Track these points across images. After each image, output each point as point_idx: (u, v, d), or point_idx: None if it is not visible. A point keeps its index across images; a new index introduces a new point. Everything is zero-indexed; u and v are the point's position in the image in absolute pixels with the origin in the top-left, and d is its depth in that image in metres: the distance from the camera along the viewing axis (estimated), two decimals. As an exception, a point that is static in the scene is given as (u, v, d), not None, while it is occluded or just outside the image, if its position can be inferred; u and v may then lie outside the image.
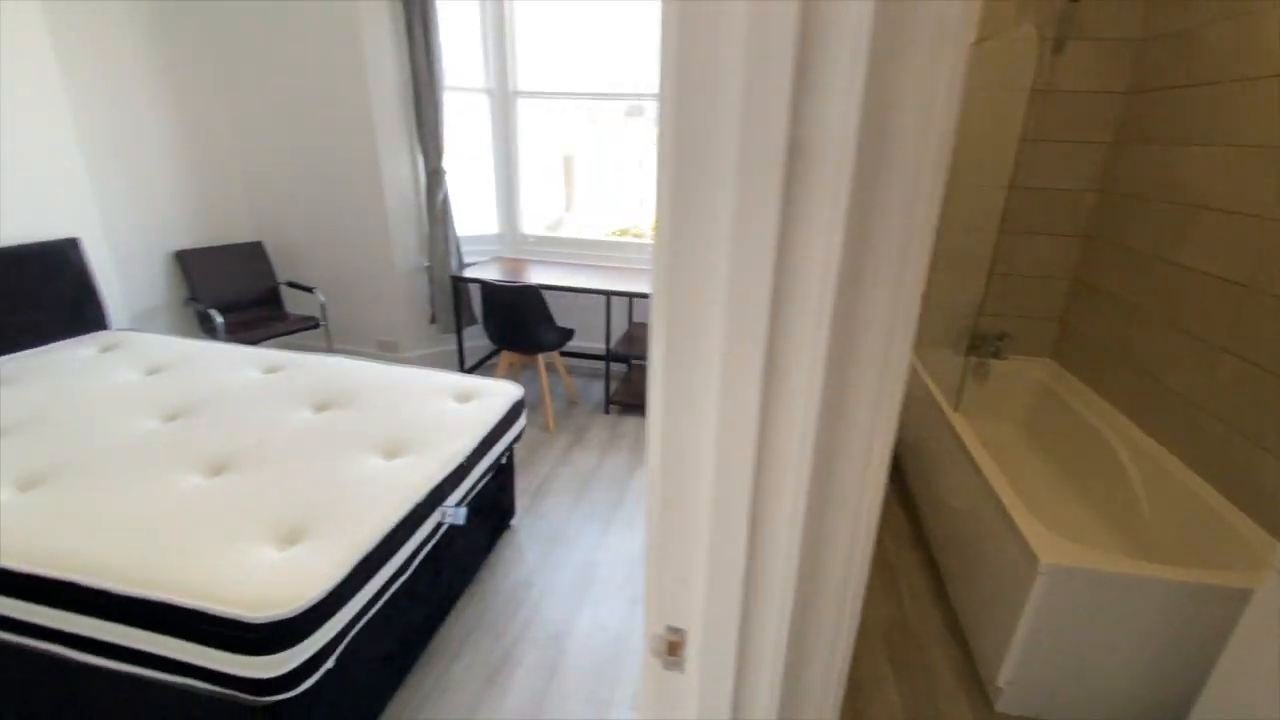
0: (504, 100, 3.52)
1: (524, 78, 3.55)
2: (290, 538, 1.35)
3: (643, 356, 3.35)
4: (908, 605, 2.00)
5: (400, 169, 3.44)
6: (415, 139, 3.39)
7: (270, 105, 3.37)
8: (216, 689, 1.20)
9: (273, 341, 3.16)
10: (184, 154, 3.24)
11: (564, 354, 3.87)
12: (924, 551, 2.27)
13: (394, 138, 3.36)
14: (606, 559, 2.19)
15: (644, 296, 3.16)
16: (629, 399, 3.45)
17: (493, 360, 3.98)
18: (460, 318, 3.53)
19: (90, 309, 2.51)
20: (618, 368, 3.89)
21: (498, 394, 2.13)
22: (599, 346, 3.94)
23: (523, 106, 3.60)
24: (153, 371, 2.15)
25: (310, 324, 3.36)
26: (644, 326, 3.74)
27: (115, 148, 2.91)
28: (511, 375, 3.32)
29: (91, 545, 1.29)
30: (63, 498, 1.44)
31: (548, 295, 3.08)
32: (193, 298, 3.22)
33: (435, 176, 3.36)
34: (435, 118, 3.24)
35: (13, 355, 2.22)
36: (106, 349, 2.34)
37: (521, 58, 3.51)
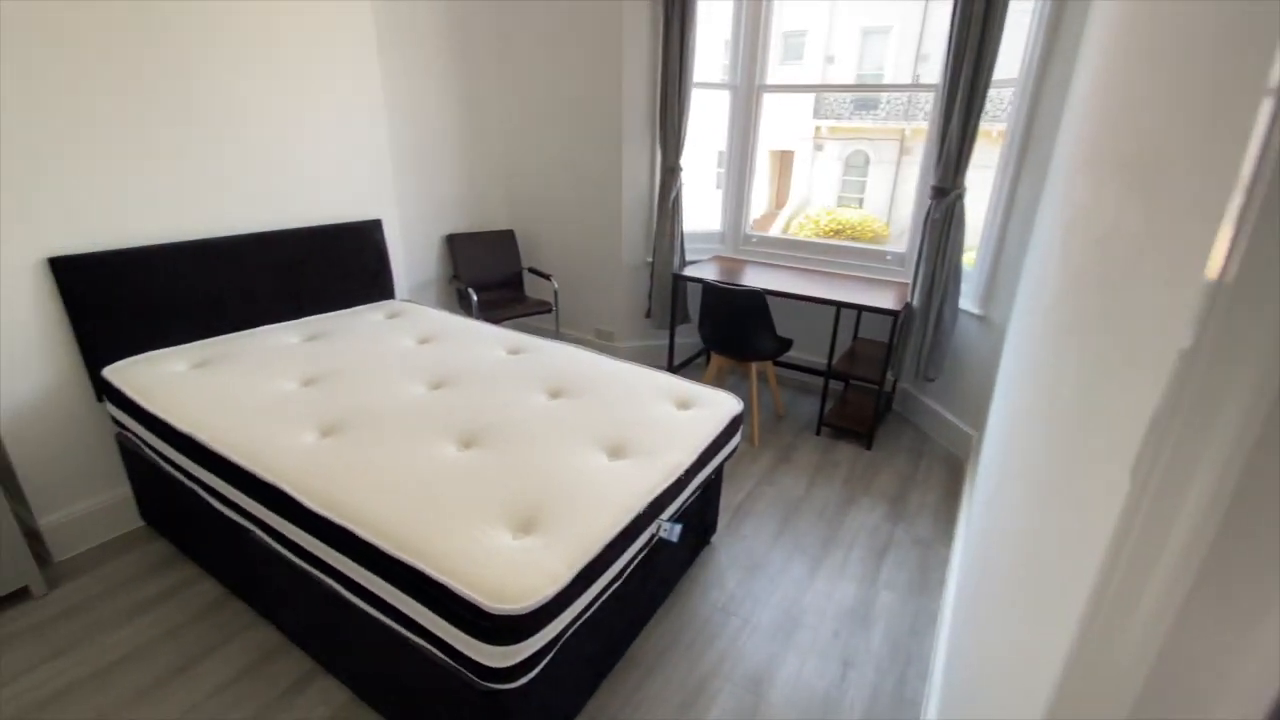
0: (748, 95, 3.40)
1: (770, 71, 3.39)
2: (524, 526, 1.39)
3: (865, 378, 3.02)
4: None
5: (639, 166, 3.52)
6: (656, 137, 3.44)
7: (533, 105, 3.67)
8: (450, 662, 1.27)
9: (511, 321, 3.45)
10: (461, 150, 3.67)
11: (777, 364, 3.68)
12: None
13: (638, 136, 3.44)
14: (814, 605, 1.98)
15: (882, 312, 2.82)
16: (844, 423, 3.14)
17: (698, 360, 3.93)
18: (675, 315, 3.53)
19: (383, 280, 2.95)
20: (833, 385, 3.59)
21: (716, 405, 2.03)
22: (810, 359, 3.68)
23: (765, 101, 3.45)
24: (424, 341, 2.44)
25: (544, 308, 3.61)
26: (870, 344, 3.38)
27: (412, 145, 3.38)
28: (718, 379, 3.23)
29: (367, 500, 1.44)
30: (350, 449, 1.66)
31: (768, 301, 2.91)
32: (455, 276, 3.66)
33: (670, 174, 3.37)
34: (679, 115, 3.24)
35: (326, 314, 2.69)
36: (391, 316, 2.72)
37: (773, 52, 3.36)
